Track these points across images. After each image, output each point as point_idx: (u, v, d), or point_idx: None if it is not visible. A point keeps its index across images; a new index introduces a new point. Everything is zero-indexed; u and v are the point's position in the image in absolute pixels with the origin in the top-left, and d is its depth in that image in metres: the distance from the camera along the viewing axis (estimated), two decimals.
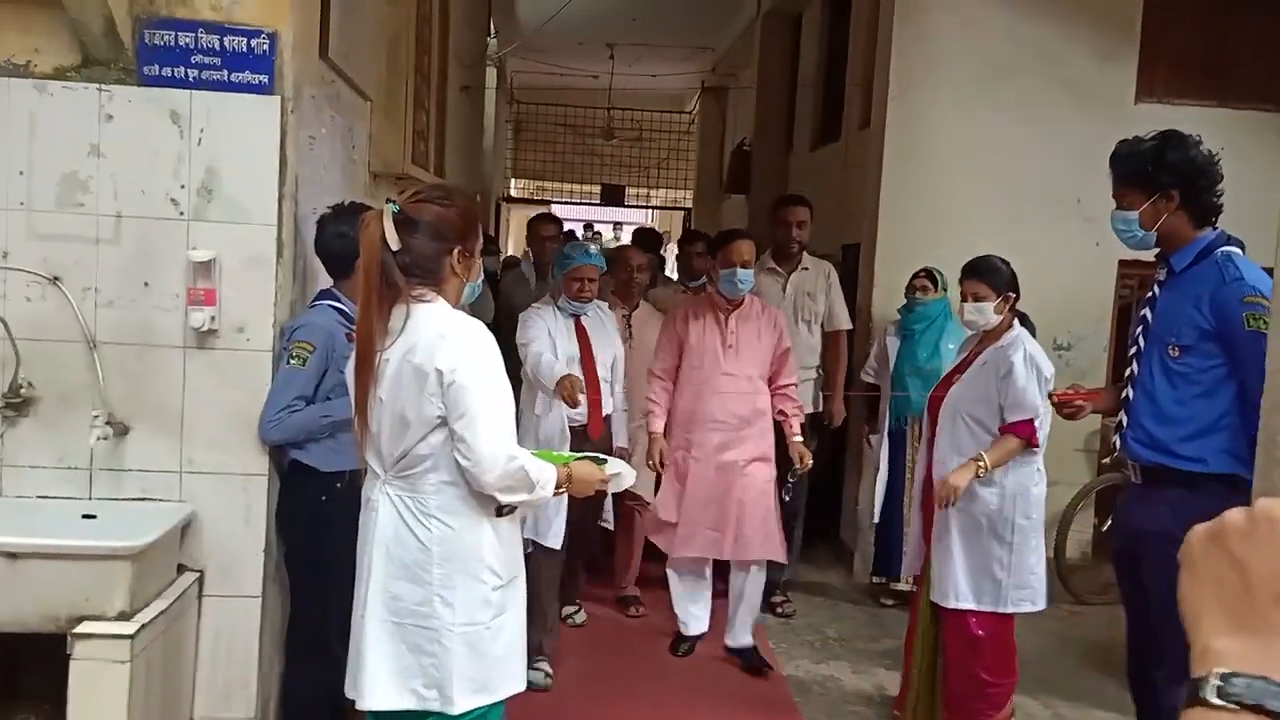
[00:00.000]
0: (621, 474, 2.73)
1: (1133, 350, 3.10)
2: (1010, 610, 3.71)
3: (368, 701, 2.41)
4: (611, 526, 4.94)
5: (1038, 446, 3.64)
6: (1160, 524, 2.89)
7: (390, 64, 4.36)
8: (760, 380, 4.56)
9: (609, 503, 4.73)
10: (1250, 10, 6.31)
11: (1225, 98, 6.31)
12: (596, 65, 12.77)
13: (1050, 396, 3.29)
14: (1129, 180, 2.99)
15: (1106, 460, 3.31)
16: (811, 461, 4.62)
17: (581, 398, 4.07)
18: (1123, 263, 6.19)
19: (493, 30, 10.07)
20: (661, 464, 4.54)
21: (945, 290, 5.29)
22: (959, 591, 3.71)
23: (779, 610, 5.39)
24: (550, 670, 4.33)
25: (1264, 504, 0.74)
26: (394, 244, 2.33)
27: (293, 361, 3.06)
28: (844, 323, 5.53)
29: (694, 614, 4.77)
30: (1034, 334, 3.78)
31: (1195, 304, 2.90)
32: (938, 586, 3.75)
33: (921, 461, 4.07)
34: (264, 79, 3.08)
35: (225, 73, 3.07)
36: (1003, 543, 3.66)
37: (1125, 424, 3.05)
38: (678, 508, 4.56)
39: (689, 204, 15.20)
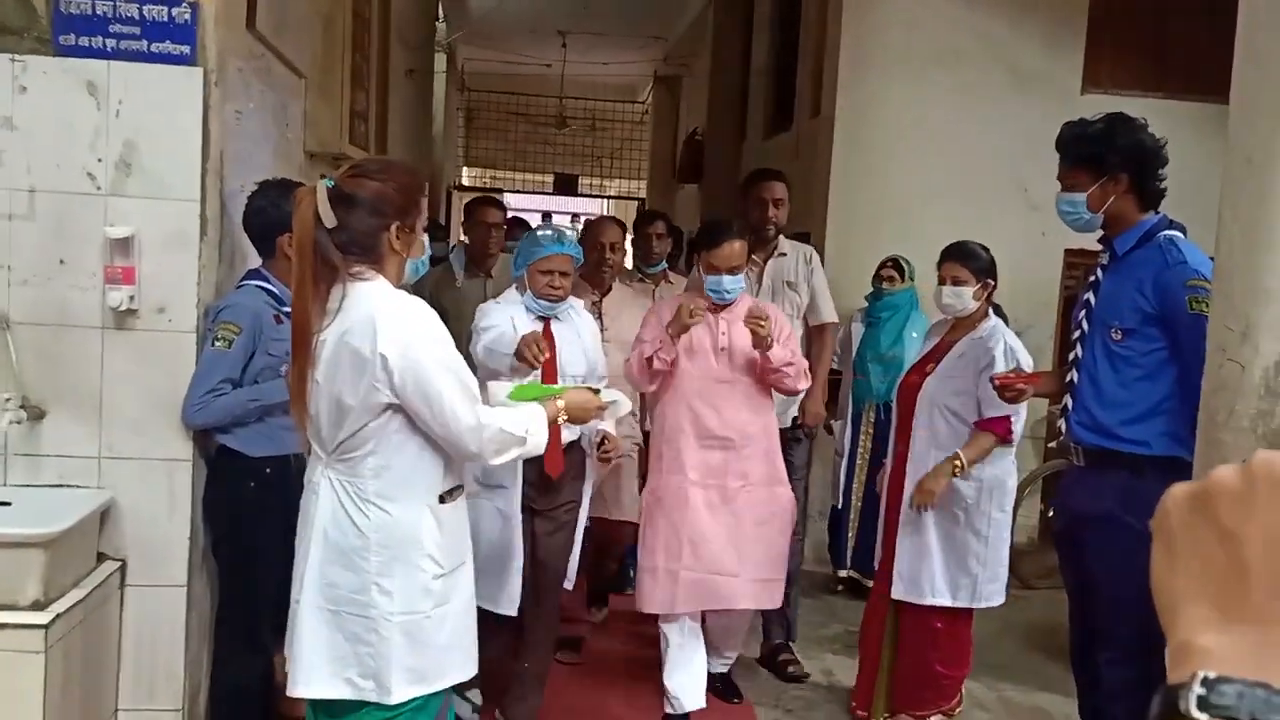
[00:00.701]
0: (618, 401, 2.67)
1: (1076, 334, 3.08)
2: (983, 605, 3.70)
3: (300, 689, 2.33)
4: (571, 587, 3.85)
5: (1012, 442, 3.62)
6: (1103, 507, 2.90)
7: (326, 40, 4.24)
8: (761, 389, 3.79)
9: (573, 565, 3.75)
10: (1196, 3, 6.36)
11: (1170, 89, 6.36)
12: (549, 53, 12.65)
13: (991, 380, 3.26)
14: (1078, 162, 2.96)
15: (1053, 445, 3.28)
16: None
17: (544, 356, 3.35)
18: (1069, 251, 6.22)
19: (441, 14, 9.93)
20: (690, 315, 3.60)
21: (912, 280, 5.31)
22: (935, 588, 3.68)
23: (789, 670, 4.47)
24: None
25: (1262, 458, 0.58)
26: (328, 221, 2.23)
27: (218, 343, 2.95)
28: (828, 314, 4.59)
29: (687, 687, 3.80)
30: (1007, 324, 3.76)
31: (1138, 287, 2.89)
32: (910, 583, 3.71)
33: (885, 452, 4.04)
34: (185, 50, 2.96)
35: (145, 43, 2.95)
36: (979, 536, 3.65)
37: (1069, 408, 3.03)
38: (678, 550, 3.67)
39: (643, 194, 15.13)
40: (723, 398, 3.73)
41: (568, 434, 3.45)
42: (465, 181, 17.44)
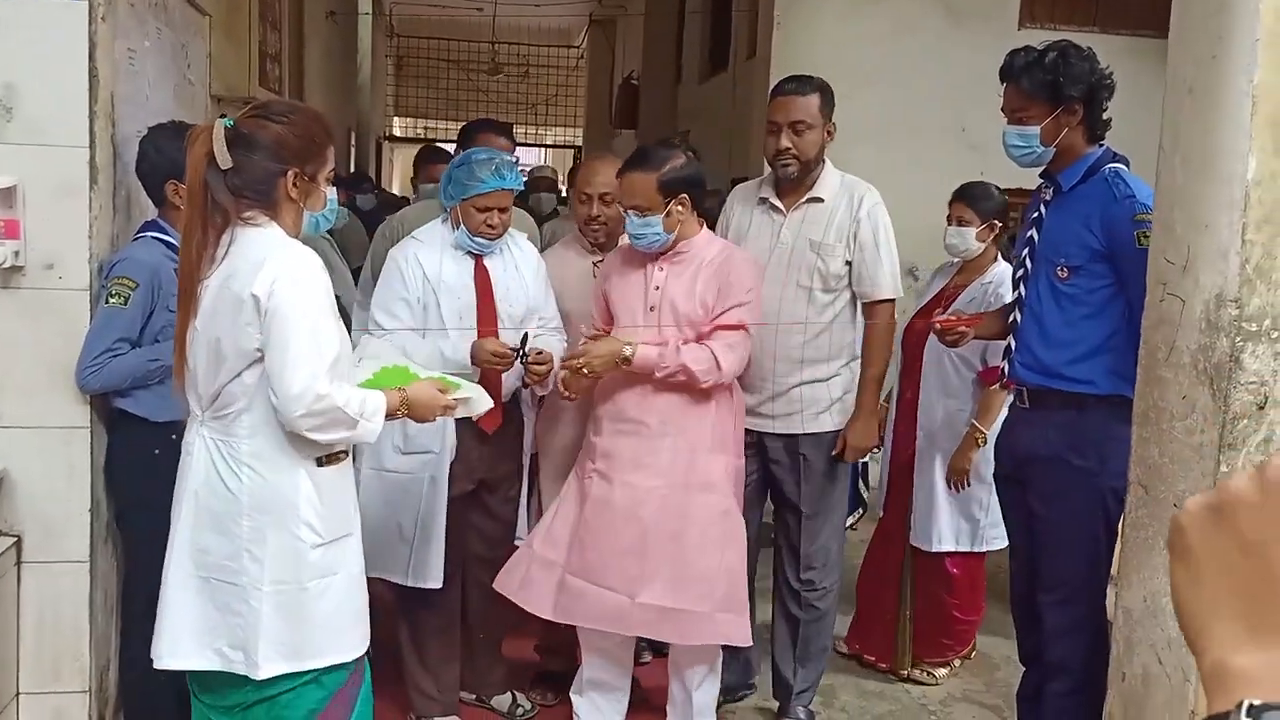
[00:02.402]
0: (473, 399, 2.45)
1: (1019, 273, 2.99)
2: (984, 549, 3.74)
3: (166, 660, 2.20)
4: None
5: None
6: (1050, 448, 2.85)
7: None
8: None
9: (522, 519, 3.43)
10: None
11: (1106, 23, 6.31)
12: None
13: (932, 325, 3.17)
14: (1031, 93, 2.82)
15: (994, 387, 3.22)
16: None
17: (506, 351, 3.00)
18: (1006, 191, 6.17)
19: None
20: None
21: None
22: (941, 534, 3.70)
23: None
24: None
25: (1277, 464, 0.57)
26: (223, 162, 2.11)
27: (112, 300, 2.75)
28: (886, 287, 3.27)
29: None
30: None
31: (1085, 223, 2.80)
32: (920, 530, 3.73)
33: (894, 394, 3.96)
34: None
35: None
36: (983, 482, 3.62)
37: (1013, 348, 2.96)
38: (563, 547, 3.02)
39: (579, 142, 14.87)
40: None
41: (508, 384, 3.21)
42: (396, 132, 17.03)
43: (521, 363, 3.04)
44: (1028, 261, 2.96)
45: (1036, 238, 2.95)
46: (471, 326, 3.11)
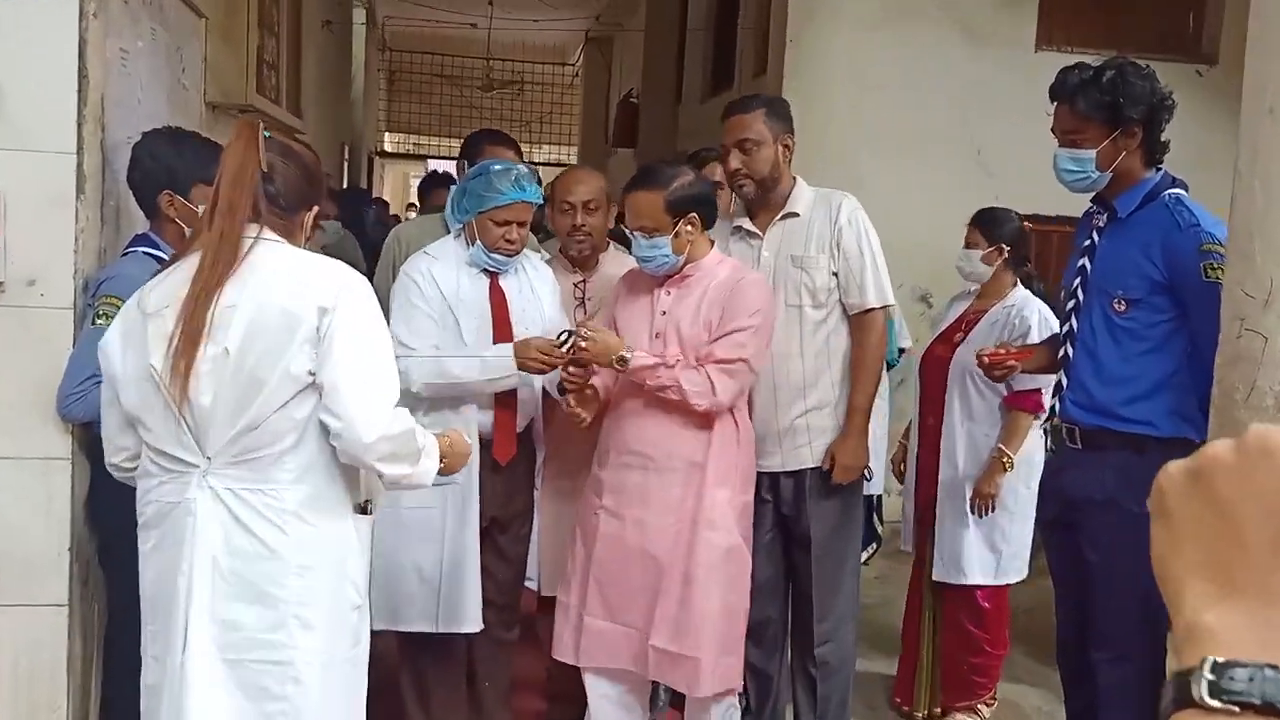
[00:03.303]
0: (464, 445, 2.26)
1: (1070, 304, 2.81)
2: (1002, 582, 3.63)
3: None
4: (537, 587, 3.35)
5: (1044, 412, 3.41)
6: (1104, 491, 2.68)
7: None
8: None
9: (533, 556, 3.27)
10: None
11: (1126, 46, 6.15)
12: (474, 11, 12.13)
13: (979, 356, 2.99)
14: (1087, 114, 2.64)
15: (1044, 426, 3.04)
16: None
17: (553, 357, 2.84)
18: (1024, 218, 6.04)
19: None
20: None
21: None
22: (970, 566, 3.58)
23: None
24: None
25: (1257, 430, 0.59)
26: (264, 164, 1.92)
27: (99, 321, 2.52)
28: (874, 295, 3.09)
29: None
30: (1044, 300, 3.60)
31: (1144, 253, 2.63)
32: (950, 564, 3.60)
33: (913, 425, 3.86)
34: None
35: None
36: (1006, 511, 3.56)
37: (1064, 385, 2.78)
38: (581, 584, 2.91)
39: (574, 160, 14.74)
40: (650, 399, 2.83)
41: (523, 417, 3.04)
42: (388, 147, 16.85)
43: (566, 365, 2.86)
44: (1079, 292, 2.78)
45: (1089, 267, 2.78)
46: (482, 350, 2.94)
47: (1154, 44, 6.13)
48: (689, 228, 2.84)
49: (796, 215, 3.12)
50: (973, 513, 3.54)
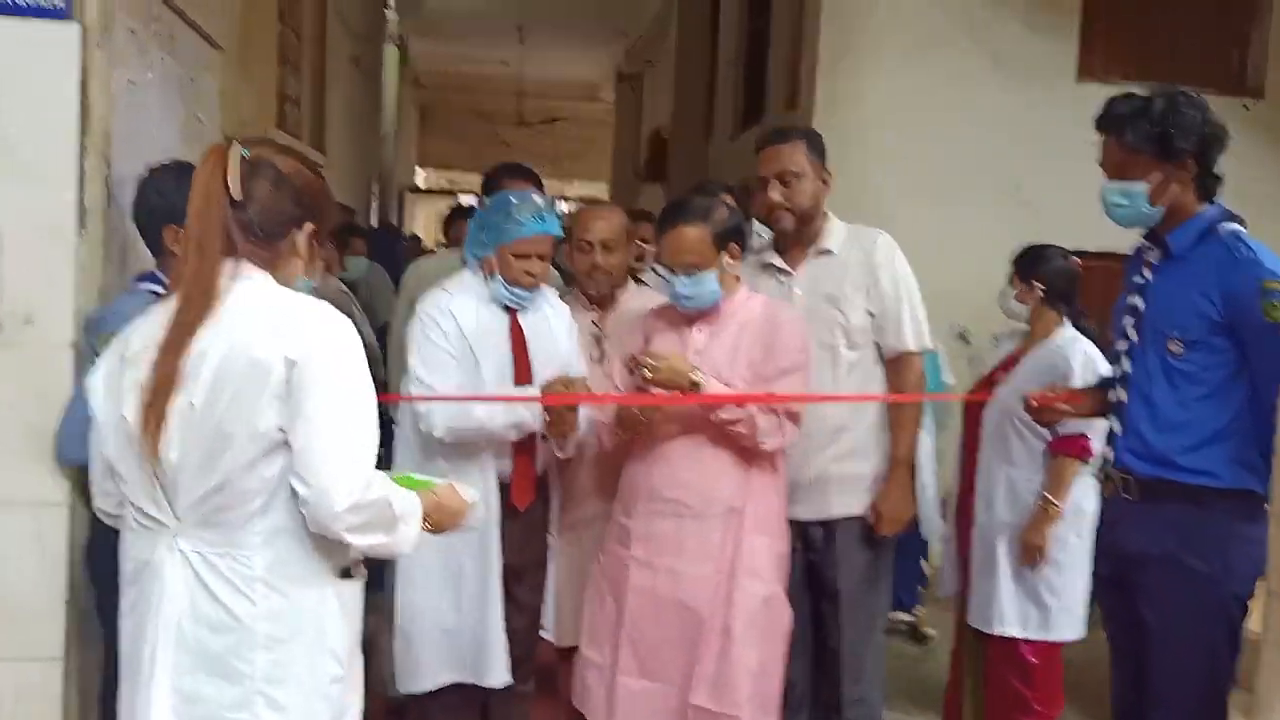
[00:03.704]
0: (479, 505, 2.11)
1: (1124, 346, 2.64)
2: (1053, 638, 3.41)
3: None
4: (553, 638, 3.23)
5: (1092, 458, 3.23)
6: (1162, 547, 2.51)
7: (249, 9, 3.72)
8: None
9: (549, 604, 3.15)
10: None
11: (1169, 78, 5.98)
12: (505, 47, 12.18)
13: (1027, 400, 2.82)
14: (1137, 145, 2.49)
15: (1098, 475, 2.86)
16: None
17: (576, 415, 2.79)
18: (1074, 252, 5.89)
19: (390, 2, 9.42)
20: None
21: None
22: (1004, 616, 3.38)
23: None
24: None
25: None
26: (236, 192, 1.73)
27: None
28: (912, 338, 3.01)
29: None
30: (1094, 341, 3.42)
31: (1201, 291, 2.47)
32: (980, 611, 3.45)
33: (954, 470, 3.75)
34: (59, 2, 2.44)
35: None
36: (1055, 563, 3.35)
37: (1119, 432, 2.60)
38: (613, 641, 2.78)
39: (605, 195, 14.73)
40: (685, 444, 2.73)
41: (541, 462, 2.93)
42: (420, 183, 16.92)
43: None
44: (1133, 333, 2.61)
45: (1142, 307, 2.61)
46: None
47: (1199, 76, 5.95)
48: (730, 259, 2.77)
49: (831, 253, 3.02)
50: (1021, 564, 3.37)
